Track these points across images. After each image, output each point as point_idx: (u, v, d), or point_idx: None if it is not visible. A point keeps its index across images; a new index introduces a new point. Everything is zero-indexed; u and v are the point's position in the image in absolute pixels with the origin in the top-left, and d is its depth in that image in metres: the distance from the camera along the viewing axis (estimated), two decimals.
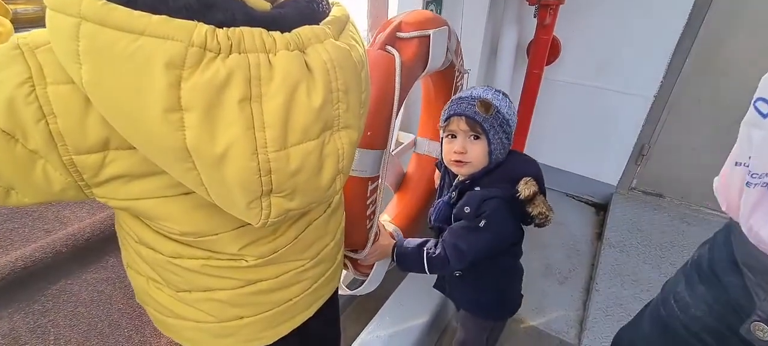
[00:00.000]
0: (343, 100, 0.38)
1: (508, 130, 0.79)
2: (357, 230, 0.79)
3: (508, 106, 0.80)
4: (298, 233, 0.49)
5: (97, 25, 0.27)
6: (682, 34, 1.60)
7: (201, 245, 0.43)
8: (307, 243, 0.51)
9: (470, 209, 0.79)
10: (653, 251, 1.68)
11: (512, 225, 0.82)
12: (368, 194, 0.77)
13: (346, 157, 0.41)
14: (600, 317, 1.40)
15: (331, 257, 0.58)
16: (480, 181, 0.81)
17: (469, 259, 0.81)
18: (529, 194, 0.75)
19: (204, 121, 0.30)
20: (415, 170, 1.24)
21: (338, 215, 0.59)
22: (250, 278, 0.47)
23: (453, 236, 0.81)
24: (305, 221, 0.50)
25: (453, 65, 1.01)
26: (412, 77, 0.82)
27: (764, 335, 0.45)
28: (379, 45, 0.75)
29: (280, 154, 0.34)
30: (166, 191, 0.37)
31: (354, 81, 0.39)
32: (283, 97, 0.32)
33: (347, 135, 0.40)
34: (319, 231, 0.53)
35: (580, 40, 1.78)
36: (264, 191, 0.35)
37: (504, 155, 0.81)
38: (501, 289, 0.95)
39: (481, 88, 0.82)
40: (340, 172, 0.41)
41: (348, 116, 0.39)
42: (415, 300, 1.43)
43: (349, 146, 0.41)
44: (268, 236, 0.46)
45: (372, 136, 0.73)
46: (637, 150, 1.90)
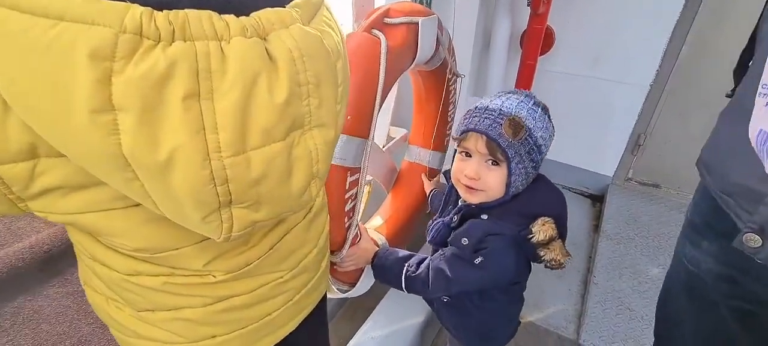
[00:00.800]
0: (314, 94, 0.33)
1: (538, 159, 0.65)
2: (334, 229, 0.72)
3: (544, 127, 0.65)
4: (273, 242, 0.44)
5: (5, 8, 0.22)
6: (678, 21, 1.57)
7: (160, 262, 0.38)
8: (286, 253, 0.47)
9: (469, 241, 0.67)
10: (651, 242, 1.66)
11: (515, 267, 0.69)
12: (347, 187, 0.72)
13: (322, 160, 0.36)
14: (598, 311, 1.38)
15: (314, 265, 0.53)
16: (490, 209, 0.69)
17: (452, 290, 0.71)
18: (544, 239, 0.63)
19: (142, 124, 0.25)
20: (406, 178, 1.18)
21: (321, 220, 0.54)
22: (220, 294, 0.43)
23: (442, 261, 0.71)
24: (282, 229, 0.45)
25: (445, 64, 0.96)
26: (400, 66, 0.77)
27: (755, 243, 0.49)
28: (365, 28, 0.70)
29: (237, 159, 0.29)
30: (111, 203, 0.32)
31: (327, 73, 0.34)
32: (238, 93, 0.27)
33: (321, 134, 0.35)
34: (298, 239, 0.48)
35: (574, 29, 1.74)
36: (222, 202, 0.30)
37: (526, 185, 0.67)
38: (491, 324, 0.85)
39: (516, 97, 0.66)
40: (316, 176, 0.37)
41: (321, 113, 0.34)
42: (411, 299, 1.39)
43: (324, 147, 0.36)
44: (238, 248, 0.41)
45: (353, 122, 0.68)
46: (634, 140, 1.88)
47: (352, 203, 0.76)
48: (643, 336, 1.30)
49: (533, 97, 0.68)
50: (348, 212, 0.76)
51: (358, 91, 0.68)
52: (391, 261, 0.79)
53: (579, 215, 1.94)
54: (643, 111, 1.78)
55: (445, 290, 0.72)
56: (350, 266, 0.83)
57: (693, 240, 0.65)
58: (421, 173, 1.15)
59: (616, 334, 1.30)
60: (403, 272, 0.76)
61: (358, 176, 0.75)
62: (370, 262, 0.83)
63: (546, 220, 0.65)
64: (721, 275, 0.60)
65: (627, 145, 1.89)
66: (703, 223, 0.64)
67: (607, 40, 1.71)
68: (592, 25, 1.71)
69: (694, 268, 0.65)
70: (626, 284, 1.48)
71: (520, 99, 0.66)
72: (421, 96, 1.08)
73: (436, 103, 1.02)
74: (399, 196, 1.13)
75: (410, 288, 0.76)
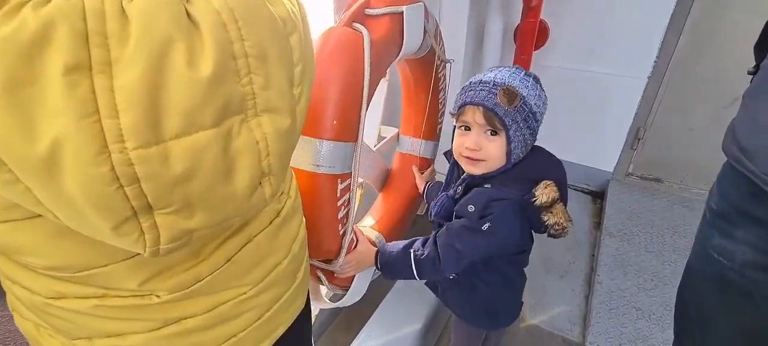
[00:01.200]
0: (257, 71, 0.27)
1: (534, 126, 0.68)
2: (328, 237, 0.69)
3: (537, 95, 0.68)
4: (230, 254, 0.38)
5: None
6: (675, 11, 1.53)
7: (86, 281, 0.32)
8: (247, 265, 0.41)
9: (475, 208, 0.68)
10: (654, 238, 1.61)
11: (520, 233, 0.71)
12: (339, 195, 0.67)
13: (275, 153, 0.31)
14: (604, 311, 1.33)
15: (286, 277, 0.47)
16: (492, 178, 0.71)
17: (464, 263, 0.71)
18: (546, 201, 0.65)
19: (9, 105, 0.19)
20: (399, 171, 1.14)
21: (293, 226, 0.48)
22: (169, 317, 0.37)
23: (449, 235, 0.71)
24: (241, 238, 0.39)
25: (433, 52, 0.92)
26: (386, 59, 0.73)
27: None
28: (345, 22, 0.65)
29: (149, 152, 0.23)
30: (6, 213, 0.27)
31: (275, 46, 0.29)
32: (144, 65, 0.22)
33: (272, 122, 0.30)
34: (263, 249, 0.42)
35: (568, 22, 1.70)
36: (136, 207, 0.24)
37: (525, 153, 0.70)
38: (498, 298, 0.85)
39: (507, 69, 0.69)
40: (268, 173, 0.31)
41: (270, 96, 0.29)
42: (407, 306, 1.34)
43: (276, 138, 0.30)
44: (183, 262, 0.35)
45: (339, 126, 0.63)
46: (633, 134, 1.83)
47: (345, 210, 0.72)
48: (652, 336, 1.24)
49: (523, 69, 0.70)
50: (341, 219, 0.72)
51: (342, 92, 0.63)
52: (395, 254, 0.77)
53: (580, 213, 1.89)
54: (641, 104, 1.74)
55: (456, 263, 0.71)
56: (350, 271, 0.81)
57: (723, 230, 0.61)
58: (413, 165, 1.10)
59: (623, 335, 1.25)
60: (412, 259, 0.74)
61: (349, 181, 0.71)
62: (374, 263, 0.80)
63: (548, 183, 0.66)
64: (759, 264, 0.56)
65: (626, 140, 1.84)
66: (736, 211, 0.59)
67: (602, 32, 1.67)
68: (587, 18, 1.67)
69: (727, 260, 0.60)
70: (631, 282, 1.42)
71: (511, 71, 0.69)
72: (409, 85, 1.04)
73: (425, 91, 0.98)
74: (391, 192, 1.09)
75: (422, 272, 0.74)
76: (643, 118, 1.78)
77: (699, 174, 1.79)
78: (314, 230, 0.67)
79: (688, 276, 0.73)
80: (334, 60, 0.62)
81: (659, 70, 1.67)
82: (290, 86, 0.31)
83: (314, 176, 0.63)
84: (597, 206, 1.94)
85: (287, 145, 0.33)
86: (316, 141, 0.62)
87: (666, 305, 1.34)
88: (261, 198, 0.32)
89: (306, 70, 0.34)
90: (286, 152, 0.33)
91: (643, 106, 1.75)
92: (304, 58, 0.33)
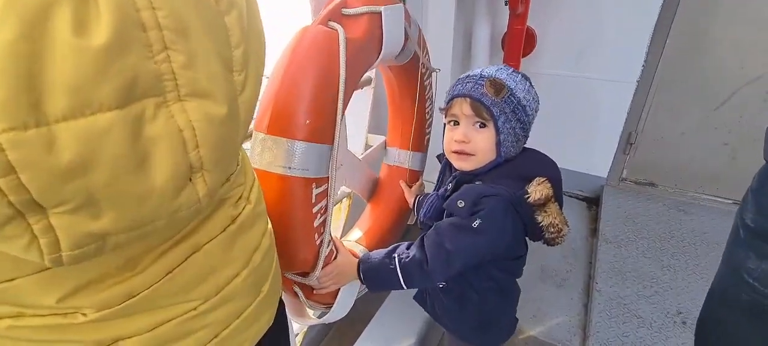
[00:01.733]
0: (176, 47, 0.24)
1: (525, 119, 0.67)
2: (303, 247, 0.65)
3: (526, 90, 0.67)
4: (172, 265, 0.34)
5: None
6: (661, 13, 1.54)
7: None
8: (195, 277, 0.36)
9: (465, 202, 0.65)
10: (652, 243, 1.57)
11: (513, 232, 0.67)
12: (314, 200, 0.63)
13: (207, 145, 0.27)
14: (603, 320, 1.28)
15: (247, 290, 0.43)
16: (484, 175, 0.68)
17: (455, 265, 0.66)
18: (540, 198, 0.62)
19: None
20: (387, 182, 1.10)
21: (253, 234, 0.43)
22: (101, 338, 0.32)
23: (438, 234, 0.66)
24: (186, 246, 0.35)
25: (417, 58, 0.90)
26: (364, 60, 0.70)
27: None
28: (320, 21, 0.63)
29: (27, 135, 0.19)
30: None
31: (201, 21, 0.25)
32: (16, 30, 0.18)
33: (200, 108, 0.26)
34: (214, 259, 0.38)
35: (555, 28, 1.70)
36: (18, 203, 0.20)
37: (517, 150, 0.69)
38: (490, 310, 0.79)
39: (495, 67, 0.69)
40: (200, 168, 0.27)
41: (196, 77, 0.25)
42: (399, 320, 1.29)
43: (207, 126, 0.26)
44: (113, 275, 0.31)
45: (313, 126, 0.59)
46: (625, 138, 1.82)
47: (322, 218, 0.68)
48: (655, 345, 1.20)
49: (512, 68, 0.70)
50: (318, 227, 0.67)
51: (316, 90, 0.60)
52: (378, 261, 0.71)
53: (575, 219, 1.86)
54: (632, 108, 1.73)
55: (446, 265, 0.66)
56: (330, 285, 0.74)
57: (762, 252, 0.53)
58: (401, 178, 1.06)
59: (625, 344, 1.20)
60: (396, 264, 0.68)
61: (325, 186, 0.67)
62: (357, 274, 0.74)
63: (541, 180, 0.64)
64: None
65: (619, 144, 1.83)
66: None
67: (589, 37, 1.67)
68: (573, 24, 1.67)
69: (763, 286, 0.52)
70: (631, 289, 1.38)
71: (499, 67, 0.69)
72: (394, 95, 1.01)
73: (411, 101, 0.95)
74: (379, 204, 1.05)
75: (408, 277, 0.68)
76: (635, 122, 1.78)
77: (693, 177, 1.77)
78: (287, 239, 0.63)
79: (712, 302, 0.64)
80: (308, 57, 0.60)
81: (648, 74, 1.66)
82: (227, 70, 0.28)
83: (286, 178, 0.59)
84: (592, 213, 1.91)
85: (224, 137, 0.28)
86: (286, 141, 0.58)
87: (667, 312, 1.30)
88: (192, 198, 0.28)
89: (251, 55, 0.30)
90: (223, 145, 0.29)
91: (633, 110, 1.74)
92: (248, 41, 0.30)
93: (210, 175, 0.28)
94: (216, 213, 0.37)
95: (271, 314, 0.48)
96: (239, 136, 0.32)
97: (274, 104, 0.59)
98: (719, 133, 1.63)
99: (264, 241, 0.45)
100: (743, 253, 0.55)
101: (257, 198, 0.44)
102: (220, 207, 0.38)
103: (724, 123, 1.62)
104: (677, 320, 1.28)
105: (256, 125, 0.62)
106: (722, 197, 1.70)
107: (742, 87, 1.52)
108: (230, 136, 0.30)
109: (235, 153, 0.33)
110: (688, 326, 1.25)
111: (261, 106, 0.61)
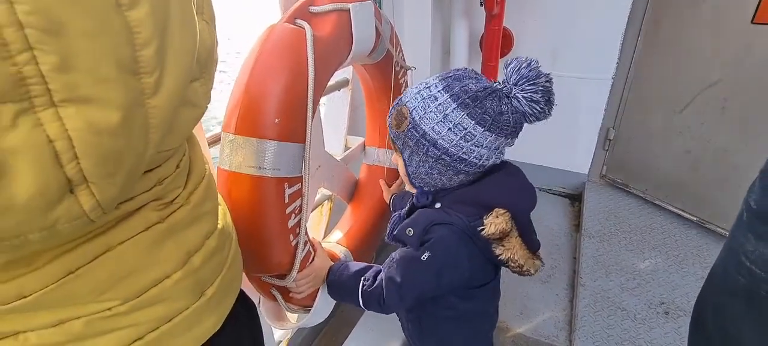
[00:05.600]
0: (44, 47, 0.22)
1: (434, 153, 0.58)
2: (277, 248, 0.64)
3: (442, 119, 0.56)
4: (74, 265, 0.31)
5: None
6: (631, 11, 1.58)
7: None
8: (108, 278, 0.34)
9: (414, 230, 0.61)
10: (634, 236, 1.60)
11: (467, 265, 0.61)
12: (287, 200, 0.62)
13: (90, 156, 0.25)
14: (589, 314, 1.29)
15: (182, 293, 0.40)
16: (443, 198, 0.63)
17: (407, 299, 0.62)
18: (494, 232, 0.56)
19: None
20: (367, 183, 1.10)
21: (192, 235, 0.40)
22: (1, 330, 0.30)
23: (390, 268, 0.63)
24: (93, 246, 0.32)
25: (390, 57, 0.90)
26: (334, 58, 0.70)
27: None
28: (286, 19, 0.62)
29: None
30: None
31: (85, 16, 0.23)
32: None
33: (82, 115, 0.24)
34: (130, 260, 0.35)
35: (531, 28, 1.74)
36: None
37: (448, 182, 0.61)
38: (448, 339, 0.73)
39: (434, 80, 0.60)
40: (82, 182, 0.25)
41: (77, 80, 0.23)
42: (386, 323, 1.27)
43: (90, 136, 0.24)
44: (4, 270, 0.28)
45: (283, 125, 0.58)
46: (604, 135, 1.85)
47: (296, 218, 0.67)
48: (639, 337, 1.21)
49: (456, 82, 0.58)
50: (293, 228, 0.66)
51: (285, 89, 0.59)
52: (346, 277, 0.70)
53: (559, 216, 1.87)
54: (608, 105, 1.77)
55: (398, 299, 0.62)
56: (306, 288, 0.73)
57: (762, 234, 0.49)
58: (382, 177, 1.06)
59: (610, 337, 1.21)
60: (359, 288, 0.66)
61: (299, 186, 0.66)
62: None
63: (500, 212, 0.58)
64: None
65: (597, 141, 1.86)
66: None
67: (564, 36, 1.71)
68: (548, 23, 1.71)
69: (762, 270, 0.49)
70: (614, 282, 1.40)
71: (429, 84, 0.60)
72: (371, 94, 1.01)
73: (387, 99, 0.95)
74: (359, 205, 1.04)
75: (368, 304, 0.66)
76: (612, 119, 1.81)
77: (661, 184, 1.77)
78: (261, 241, 0.61)
79: (709, 286, 0.61)
80: (275, 56, 0.59)
81: (622, 71, 1.70)
82: (125, 73, 0.25)
83: (257, 179, 0.58)
84: (575, 209, 1.93)
85: (117, 147, 0.26)
86: (257, 141, 0.57)
87: (650, 303, 1.31)
88: (74, 211, 0.25)
89: (170, 53, 0.28)
90: (117, 156, 0.26)
91: (610, 107, 1.77)
92: (165, 37, 0.27)
93: (99, 187, 0.26)
94: (133, 216, 0.35)
95: (217, 318, 0.45)
96: (149, 143, 0.29)
97: (242, 104, 0.59)
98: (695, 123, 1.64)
99: (209, 242, 0.42)
100: (743, 235, 0.51)
101: (201, 198, 0.42)
102: (139, 211, 0.35)
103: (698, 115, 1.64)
104: (659, 310, 1.29)
105: (223, 126, 0.61)
106: (687, 212, 1.63)
107: (702, 91, 1.53)
108: (129, 145, 0.27)
109: (138, 163, 0.30)
110: (670, 316, 1.27)
111: (228, 106, 0.60)
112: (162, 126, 0.30)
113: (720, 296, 0.57)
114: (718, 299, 0.58)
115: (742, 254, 0.51)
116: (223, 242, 0.46)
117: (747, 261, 0.50)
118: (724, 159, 1.50)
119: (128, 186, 0.30)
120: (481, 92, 0.56)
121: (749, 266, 0.50)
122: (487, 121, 0.56)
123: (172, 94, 0.29)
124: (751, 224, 0.51)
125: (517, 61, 0.58)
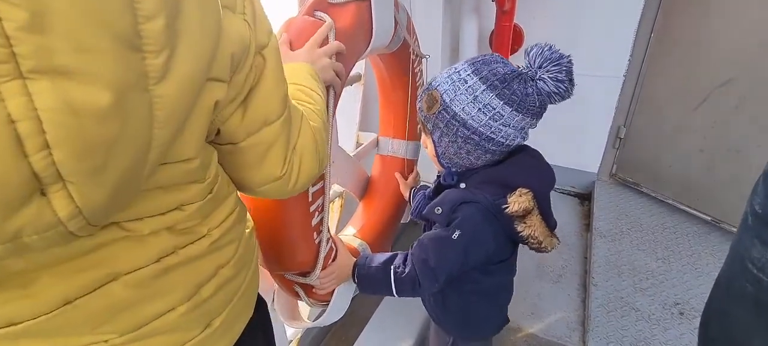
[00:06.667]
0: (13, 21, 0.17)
1: (466, 134, 0.60)
2: (302, 247, 0.62)
3: (471, 100, 0.59)
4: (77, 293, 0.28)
5: None
6: (644, 7, 1.56)
7: None
8: (108, 309, 0.30)
9: (442, 209, 0.64)
10: (646, 236, 1.58)
11: (492, 242, 0.65)
12: (311, 199, 0.61)
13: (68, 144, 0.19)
14: (602, 314, 1.27)
15: (187, 325, 0.36)
16: (468, 179, 0.66)
17: (441, 280, 0.64)
18: (518, 210, 0.60)
19: None
20: (381, 175, 1.08)
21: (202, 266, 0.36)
22: None
23: (422, 250, 0.65)
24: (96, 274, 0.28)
25: (407, 46, 0.88)
26: (354, 51, 0.68)
27: None
28: (306, 11, 0.61)
29: None
30: None
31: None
32: None
33: (59, 91, 0.18)
34: (134, 292, 0.31)
35: (541, 25, 1.71)
36: None
37: (475, 161, 0.64)
38: (472, 310, 0.77)
39: (462, 65, 0.62)
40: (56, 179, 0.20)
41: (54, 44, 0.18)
42: (397, 322, 1.25)
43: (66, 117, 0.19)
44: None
45: None
46: (614, 133, 1.83)
47: (319, 216, 0.66)
48: (655, 338, 1.19)
49: (484, 65, 0.61)
50: (316, 226, 0.65)
51: None
52: (374, 269, 0.70)
53: (569, 216, 1.85)
54: (619, 103, 1.75)
55: (433, 279, 0.65)
56: (330, 285, 0.73)
57: (766, 239, 0.48)
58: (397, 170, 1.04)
59: (625, 338, 1.19)
60: (391, 276, 0.67)
61: (321, 184, 0.65)
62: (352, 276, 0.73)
63: (523, 191, 0.61)
64: None
65: (608, 139, 1.84)
66: None
67: (575, 33, 1.69)
68: (559, 20, 1.69)
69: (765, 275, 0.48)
70: (627, 282, 1.38)
71: (458, 69, 0.63)
72: (385, 84, 0.99)
73: (403, 89, 0.93)
74: (373, 199, 1.02)
75: (402, 291, 0.67)
76: (623, 117, 1.79)
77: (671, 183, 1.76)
78: (284, 239, 0.60)
79: (718, 293, 0.60)
80: None
81: (634, 69, 1.68)
82: (124, 47, 0.20)
83: None
84: (585, 208, 1.91)
85: (101, 136, 0.20)
86: None
87: (664, 304, 1.29)
88: (45, 219, 0.20)
89: (180, 31, 0.23)
90: (105, 150, 0.21)
91: (621, 105, 1.75)
92: (175, 11, 0.22)
93: (80, 188, 0.20)
94: (145, 241, 0.30)
95: (226, 343, 0.42)
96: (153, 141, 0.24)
97: None
98: (706, 124, 1.63)
99: (223, 272, 0.38)
100: (749, 241, 0.50)
101: (226, 231, 0.37)
102: (152, 236, 0.31)
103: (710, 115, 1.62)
104: (674, 311, 1.27)
105: None
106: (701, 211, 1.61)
107: (714, 89, 1.51)
108: (124, 137, 0.21)
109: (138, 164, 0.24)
110: (685, 317, 1.25)
111: None
112: (171, 122, 0.24)
113: (726, 304, 0.56)
114: (725, 307, 0.56)
115: (748, 261, 0.50)
116: (240, 269, 0.41)
117: (754, 268, 0.49)
118: (738, 158, 1.48)
119: (124, 193, 0.24)
120: (509, 75, 0.60)
121: (756, 274, 0.48)
122: (514, 101, 0.59)
123: (184, 84, 0.24)
124: (756, 229, 0.49)
125: (538, 46, 0.62)
